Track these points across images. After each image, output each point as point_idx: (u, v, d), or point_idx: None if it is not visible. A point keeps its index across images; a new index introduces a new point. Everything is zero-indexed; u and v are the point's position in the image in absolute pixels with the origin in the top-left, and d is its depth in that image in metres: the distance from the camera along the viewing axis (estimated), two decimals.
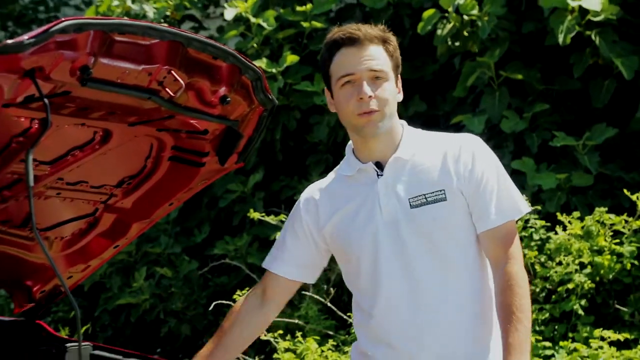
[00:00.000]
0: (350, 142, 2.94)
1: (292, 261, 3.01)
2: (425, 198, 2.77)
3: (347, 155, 2.95)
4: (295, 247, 3.00)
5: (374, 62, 2.76)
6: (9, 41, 2.46)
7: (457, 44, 6.49)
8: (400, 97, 2.87)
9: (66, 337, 4.28)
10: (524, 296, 2.72)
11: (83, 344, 3.89)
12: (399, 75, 2.86)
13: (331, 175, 3.02)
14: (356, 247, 2.84)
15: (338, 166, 3.01)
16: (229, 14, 7.24)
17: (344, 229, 2.87)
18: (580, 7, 5.89)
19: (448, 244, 2.79)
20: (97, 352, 3.97)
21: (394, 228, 2.79)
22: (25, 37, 2.47)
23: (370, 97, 2.73)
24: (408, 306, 2.78)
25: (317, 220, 2.94)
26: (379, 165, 2.84)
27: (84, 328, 6.84)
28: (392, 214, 2.79)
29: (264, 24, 7.12)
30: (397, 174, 2.82)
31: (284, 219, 5.53)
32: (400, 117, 2.80)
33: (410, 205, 2.78)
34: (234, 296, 5.98)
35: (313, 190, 3.01)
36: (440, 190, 2.77)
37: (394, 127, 2.86)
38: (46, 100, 2.65)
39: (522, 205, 2.84)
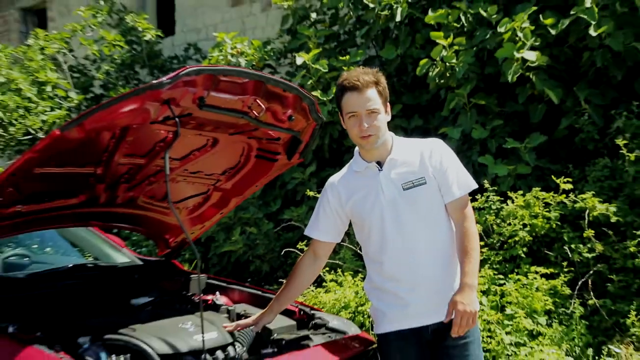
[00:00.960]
0: (357, 148, 2.96)
1: (324, 229, 3.02)
2: (413, 183, 2.81)
3: (355, 157, 2.98)
4: (325, 220, 3.01)
5: (369, 103, 2.77)
6: (154, 81, 2.50)
7: (442, 81, 6.40)
8: (388, 117, 2.87)
9: (190, 270, 4.32)
10: (473, 240, 2.77)
11: (201, 275, 3.95)
12: (388, 103, 2.86)
13: (344, 170, 3.04)
14: (368, 218, 2.86)
15: (348, 164, 3.03)
16: (299, 60, 7.20)
17: (359, 207, 2.89)
18: (522, 57, 5.81)
19: (428, 212, 2.82)
20: (210, 280, 4.02)
21: (394, 205, 2.82)
22: (164, 78, 2.50)
23: (367, 127, 2.77)
24: (406, 254, 2.80)
25: (340, 202, 2.96)
26: (379, 163, 2.88)
27: (195, 262, 6.87)
28: (392, 196, 2.82)
29: (320, 68, 7.10)
30: (392, 169, 2.85)
31: None
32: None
33: (403, 188, 2.81)
34: (298, 245, 6.00)
35: (335, 181, 3.02)
36: (422, 177, 2.81)
37: (386, 140, 2.88)
38: (177, 119, 2.68)
39: (472, 183, 2.88)
